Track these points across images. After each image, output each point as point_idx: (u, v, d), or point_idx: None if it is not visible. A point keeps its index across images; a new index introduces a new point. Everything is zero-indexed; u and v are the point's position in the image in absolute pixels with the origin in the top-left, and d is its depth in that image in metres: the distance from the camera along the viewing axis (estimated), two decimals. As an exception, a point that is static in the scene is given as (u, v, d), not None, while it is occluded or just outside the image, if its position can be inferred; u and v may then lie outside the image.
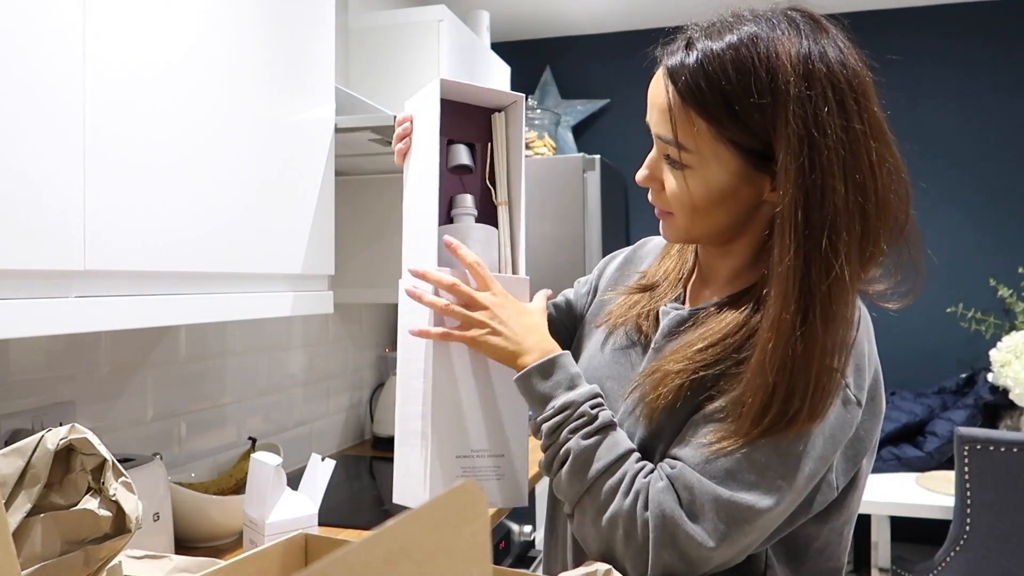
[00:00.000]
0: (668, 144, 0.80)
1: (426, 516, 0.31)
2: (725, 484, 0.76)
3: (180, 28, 1.08)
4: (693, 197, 0.80)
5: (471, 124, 0.99)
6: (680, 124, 0.77)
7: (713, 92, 0.75)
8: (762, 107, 0.74)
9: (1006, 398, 2.48)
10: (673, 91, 0.78)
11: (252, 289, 1.27)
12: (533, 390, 0.85)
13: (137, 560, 0.77)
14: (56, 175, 0.89)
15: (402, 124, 1.00)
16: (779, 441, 0.76)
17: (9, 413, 1.25)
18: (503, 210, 0.99)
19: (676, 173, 0.81)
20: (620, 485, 0.79)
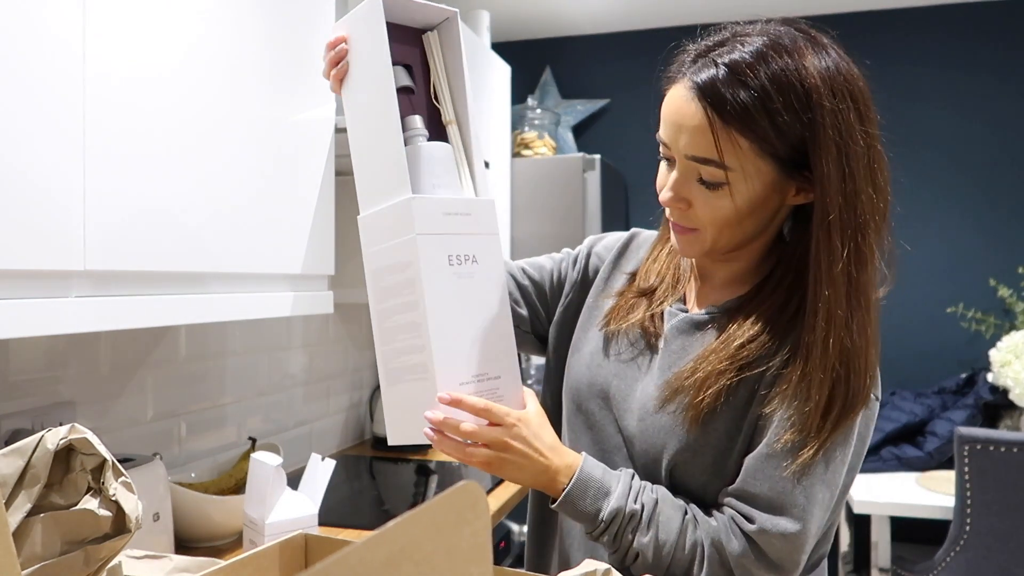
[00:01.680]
0: (706, 164, 0.80)
1: (426, 516, 0.31)
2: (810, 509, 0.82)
3: (180, 29, 1.08)
4: (731, 212, 0.82)
5: (406, 45, 0.96)
6: (722, 144, 0.78)
7: (757, 110, 0.76)
8: (803, 121, 0.77)
9: (1006, 398, 2.47)
10: (711, 111, 0.78)
11: (252, 289, 1.27)
12: (578, 513, 0.86)
13: (137, 560, 0.77)
14: (56, 175, 0.89)
15: (336, 46, 0.93)
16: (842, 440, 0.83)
17: (9, 413, 1.25)
18: (452, 129, 0.95)
19: (712, 192, 0.82)
20: (695, 558, 0.84)
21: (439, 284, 0.85)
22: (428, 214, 0.85)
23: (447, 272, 0.85)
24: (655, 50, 0.96)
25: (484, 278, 0.89)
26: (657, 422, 0.89)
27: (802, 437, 0.81)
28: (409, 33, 0.96)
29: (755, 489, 0.83)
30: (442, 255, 0.85)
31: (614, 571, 0.73)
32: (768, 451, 0.83)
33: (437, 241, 0.85)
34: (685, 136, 0.80)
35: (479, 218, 0.89)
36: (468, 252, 0.88)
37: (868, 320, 0.81)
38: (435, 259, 0.85)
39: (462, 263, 0.87)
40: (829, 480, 0.83)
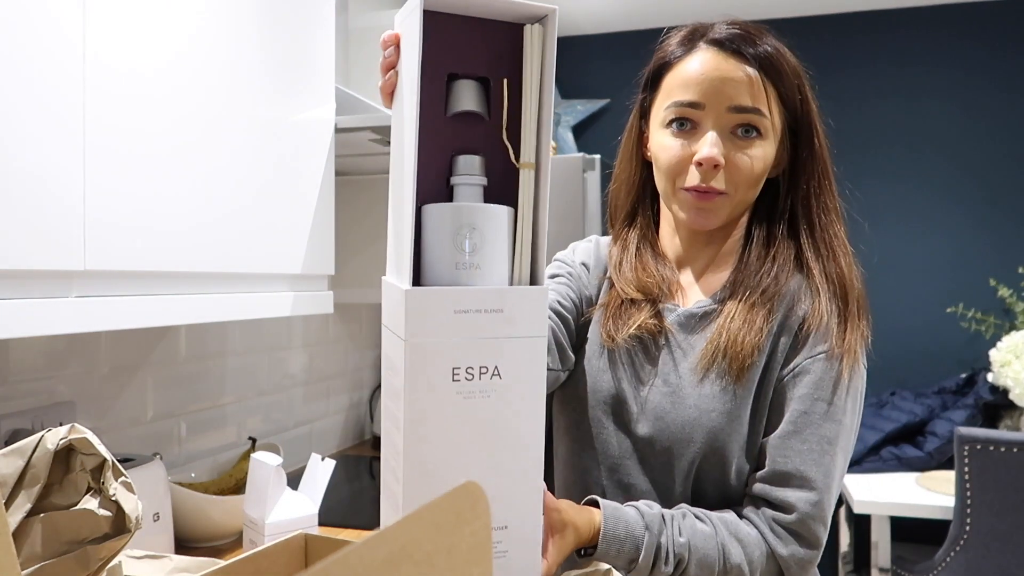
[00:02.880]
0: (747, 113, 0.88)
1: (427, 517, 0.31)
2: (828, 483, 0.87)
3: (180, 29, 1.08)
4: (761, 165, 0.90)
5: (482, 49, 0.68)
6: (760, 93, 0.88)
7: (781, 65, 0.90)
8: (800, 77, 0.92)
9: (1006, 398, 2.47)
10: (753, 68, 0.89)
11: (252, 289, 1.27)
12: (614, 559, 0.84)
13: (137, 560, 0.77)
14: (56, 175, 0.89)
15: (387, 47, 0.70)
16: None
17: (9, 413, 1.25)
18: (527, 176, 0.68)
19: (748, 144, 0.89)
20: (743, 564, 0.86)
21: (430, 406, 0.64)
22: (428, 313, 0.63)
23: (447, 390, 0.64)
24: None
25: (507, 398, 0.66)
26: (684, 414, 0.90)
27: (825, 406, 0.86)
28: (496, 32, 0.68)
29: (786, 467, 0.86)
30: (443, 368, 0.64)
31: (614, 571, 0.73)
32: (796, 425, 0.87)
33: (437, 350, 0.64)
34: (728, 88, 0.88)
35: (516, 316, 0.65)
36: (486, 363, 0.65)
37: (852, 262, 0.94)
38: (430, 373, 0.64)
39: (473, 378, 0.65)
40: (844, 446, 0.88)
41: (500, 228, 0.67)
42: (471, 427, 0.65)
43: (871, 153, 3.00)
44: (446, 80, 0.68)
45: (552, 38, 0.67)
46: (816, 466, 0.85)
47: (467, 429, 0.65)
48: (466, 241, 0.65)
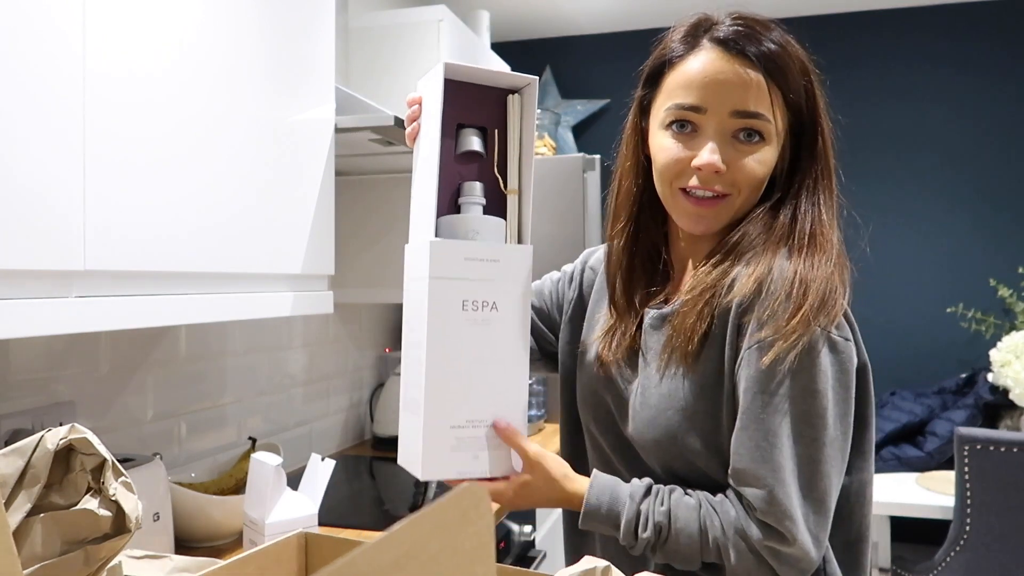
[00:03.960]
0: (750, 118, 0.87)
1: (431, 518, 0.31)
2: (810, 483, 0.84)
3: (180, 29, 1.08)
4: (764, 168, 0.89)
5: (483, 107, 0.94)
6: (763, 96, 0.86)
7: (787, 64, 0.87)
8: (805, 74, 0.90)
9: (1006, 398, 2.48)
10: (756, 71, 0.86)
11: (252, 289, 1.26)
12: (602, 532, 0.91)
13: (137, 560, 0.77)
14: (56, 175, 0.89)
15: (412, 105, 0.96)
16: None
17: (9, 413, 1.25)
18: (512, 199, 0.94)
19: (750, 149, 0.88)
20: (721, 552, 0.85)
21: (446, 328, 0.86)
22: (446, 258, 0.86)
23: (459, 317, 0.87)
24: None
25: (502, 326, 0.89)
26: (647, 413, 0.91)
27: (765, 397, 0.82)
28: (491, 95, 0.95)
29: (739, 465, 0.84)
30: (455, 300, 0.87)
31: (613, 569, 0.73)
32: (741, 421, 0.85)
33: (451, 286, 0.86)
34: (730, 92, 0.86)
35: (508, 266, 0.89)
36: (487, 299, 0.88)
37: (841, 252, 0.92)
38: (446, 303, 0.86)
39: (478, 309, 0.88)
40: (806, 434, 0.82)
41: (495, 234, 0.91)
42: (474, 346, 0.87)
43: (871, 153, 3.00)
44: (456, 128, 0.93)
45: (531, 101, 0.95)
46: (762, 462, 0.82)
47: (471, 347, 0.87)
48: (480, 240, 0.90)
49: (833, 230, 0.91)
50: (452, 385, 0.88)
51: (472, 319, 0.87)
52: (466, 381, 0.88)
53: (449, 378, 0.87)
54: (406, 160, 1.92)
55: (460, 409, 0.88)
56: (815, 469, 0.82)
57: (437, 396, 0.87)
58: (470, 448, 0.89)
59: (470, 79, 0.92)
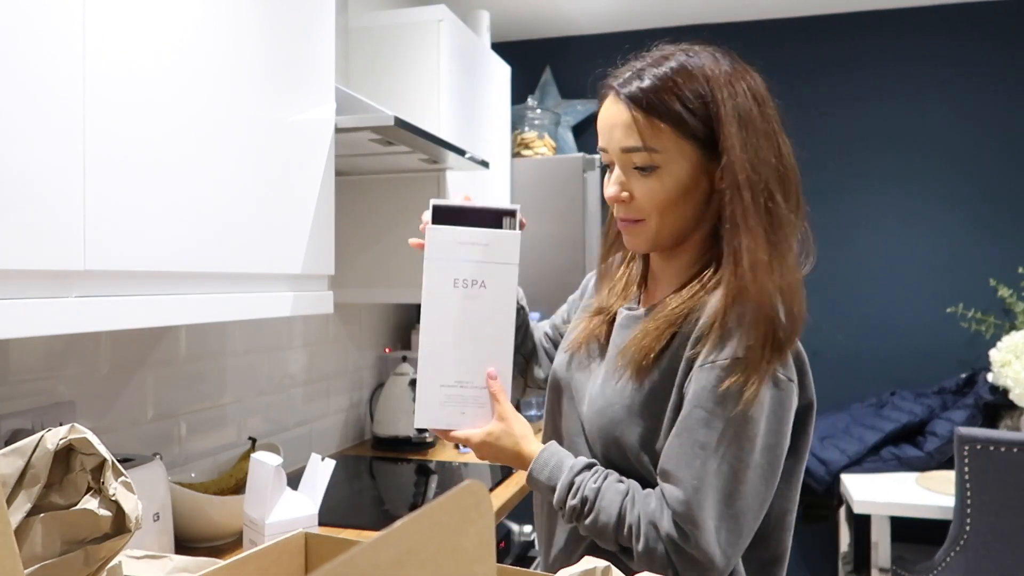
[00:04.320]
0: (637, 152, 0.94)
1: (431, 516, 0.31)
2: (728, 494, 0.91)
3: (180, 29, 1.08)
4: (668, 193, 0.95)
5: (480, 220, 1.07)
6: (646, 131, 0.93)
7: (670, 99, 0.93)
8: (706, 102, 0.93)
9: (1006, 398, 2.47)
10: (632, 104, 0.94)
11: (252, 289, 1.26)
12: (540, 493, 1.03)
13: (137, 560, 0.77)
14: (56, 175, 0.89)
15: (423, 224, 1.05)
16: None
17: (9, 413, 1.25)
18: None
19: (647, 178, 0.95)
20: (632, 536, 0.93)
21: (439, 302, 1.02)
22: (441, 243, 1.01)
23: (451, 293, 1.01)
24: None
25: (490, 301, 1.02)
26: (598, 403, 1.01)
27: (703, 412, 0.90)
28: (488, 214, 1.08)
29: (667, 465, 0.92)
30: (448, 278, 1.01)
31: (613, 569, 0.72)
32: (677, 428, 0.92)
33: (445, 266, 1.01)
34: (616, 132, 0.96)
35: (496, 249, 1.01)
36: (477, 277, 1.02)
37: (789, 273, 0.93)
38: (440, 281, 1.01)
39: (469, 286, 1.02)
40: (734, 456, 0.89)
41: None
42: (464, 319, 1.02)
43: (871, 154, 3.00)
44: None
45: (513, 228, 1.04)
46: (686, 467, 0.90)
47: (461, 319, 1.02)
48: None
49: (759, 238, 0.91)
50: (444, 351, 1.03)
51: (463, 295, 1.01)
52: (456, 348, 1.03)
53: (441, 345, 1.03)
54: (406, 160, 1.92)
55: (450, 371, 1.03)
56: (734, 488, 0.89)
57: (431, 359, 1.03)
58: (457, 405, 1.04)
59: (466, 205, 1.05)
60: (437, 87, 2.08)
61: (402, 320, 2.71)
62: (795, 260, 0.95)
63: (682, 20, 3.12)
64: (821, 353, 3.10)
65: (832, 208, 3.03)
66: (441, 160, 1.92)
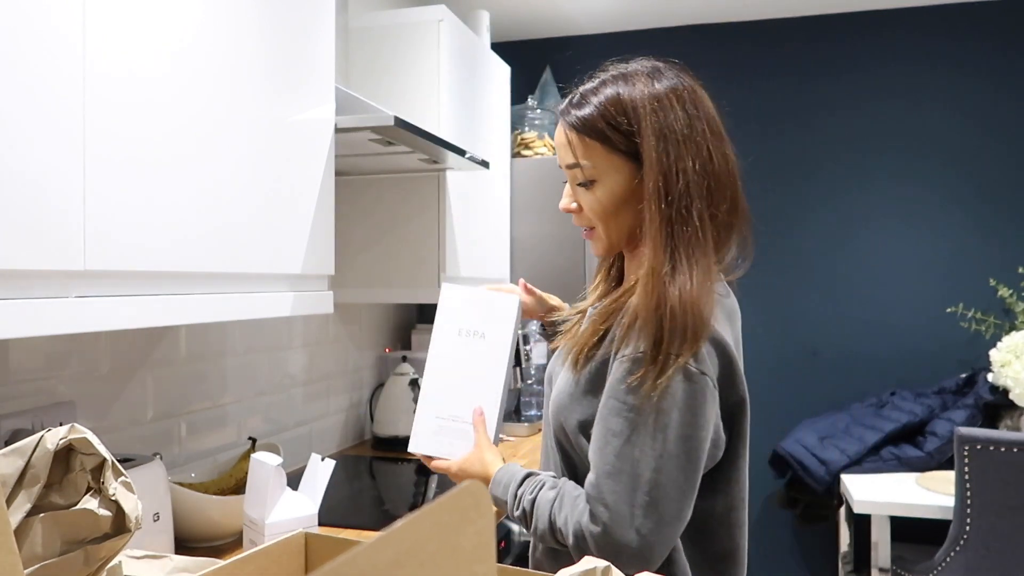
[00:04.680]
0: (576, 168, 1.05)
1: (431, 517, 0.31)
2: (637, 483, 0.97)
3: (180, 29, 1.08)
4: (604, 203, 1.05)
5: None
6: (579, 149, 1.04)
7: (596, 119, 1.03)
8: (629, 118, 1.01)
9: (1006, 398, 2.47)
10: (568, 127, 1.05)
11: (252, 289, 1.26)
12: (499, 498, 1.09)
13: (137, 560, 0.77)
14: (56, 175, 0.89)
15: None
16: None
17: (9, 413, 1.25)
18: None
19: (588, 191, 1.05)
20: (565, 540, 1.00)
21: (444, 347, 1.20)
22: (450, 299, 1.21)
23: (455, 340, 1.19)
24: (655, 50, 1.00)
25: (487, 350, 1.18)
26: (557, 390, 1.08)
27: (615, 402, 0.97)
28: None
29: (589, 453, 1.00)
30: (454, 328, 1.20)
31: (613, 569, 0.72)
32: (596, 418, 1.00)
33: (452, 318, 1.20)
34: (561, 152, 1.07)
35: (497, 307, 1.19)
36: (478, 329, 1.19)
37: (690, 278, 0.96)
38: (447, 330, 1.20)
39: (471, 336, 1.19)
40: (639, 443, 0.94)
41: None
42: (463, 363, 1.19)
43: (871, 153, 3.00)
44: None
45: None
46: (599, 452, 0.97)
47: (461, 364, 1.19)
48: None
49: (659, 257, 0.97)
50: (443, 388, 1.19)
51: (464, 343, 1.19)
52: (453, 387, 1.19)
53: (441, 383, 1.19)
54: (406, 160, 1.92)
55: (445, 405, 1.19)
56: (649, 476, 0.94)
57: (431, 394, 1.20)
58: (447, 436, 1.18)
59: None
60: (437, 87, 2.08)
61: (402, 320, 2.71)
62: (707, 264, 0.99)
63: (682, 20, 3.12)
64: (821, 353, 3.10)
65: (832, 208, 3.03)
66: (441, 160, 1.92)
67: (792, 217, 3.06)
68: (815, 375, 3.03)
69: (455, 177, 2.16)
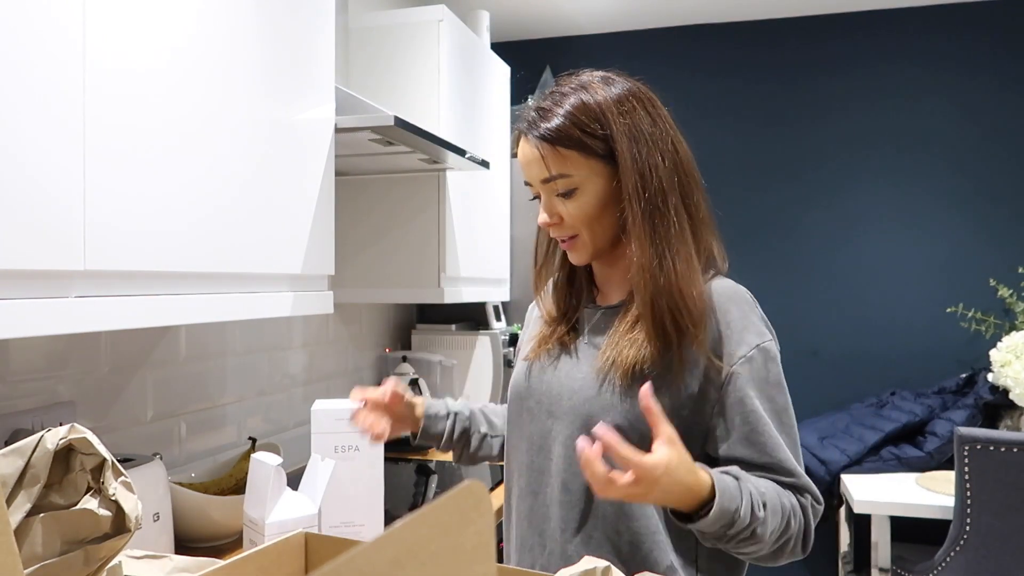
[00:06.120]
0: (555, 180, 1.04)
1: (431, 517, 0.31)
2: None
3: (180, 30, 1.08)
4: (588, 209, 1.05)
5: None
6: (555, 160, 1.04)
7: (569, 128, 1.04)
8: (601, 123, 1.04)
9: (1006, 398, 2.47)
10: (540, 141, 1.04)
11: (252, 289, 1.26)
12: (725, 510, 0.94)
13: (137, 560, 0.77)
14: (56, 176, 0.89)
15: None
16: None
17: (9, 413, 1.25)
18: None
19: (570, 200, 1.05)
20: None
21: (327, 462, 1.33)
22: (322, 420, 1.35)
23: (334, 456, 1.35)
24: (655, 50, 1.00)
25: (363, 462, 1.37)
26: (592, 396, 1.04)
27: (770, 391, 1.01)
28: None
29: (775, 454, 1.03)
30: (330, 445, 1.35)
31: (613, 569, 0.72)
32: (752, 424, 1.01)
33: (327, 437, 1.35)
34: (533, 168, 1.06)
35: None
36: (351, 444, 1.35)
37: (676, 265, 1.01)
38: (324, 447, 1.35)
39: (347, 451, 1.35)
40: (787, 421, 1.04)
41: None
42: (347, 470, 1.36)
43: (872, 153, 3.00)
44: None
45: None
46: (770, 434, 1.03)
47: (345, 471, 1.35)
48: None
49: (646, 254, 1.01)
50: (333, 498, 1.33)
51: (343, 456, 1.35)
52: (341, 496, 1.34)
53: (331, 493, 1.32)
54: (406, 160, 1.92)
55: (338, 512, 1.35)
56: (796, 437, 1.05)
57: (326, 503, 1.33)
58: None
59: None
60: (437, 87, 2.08)
61: (402, 320, 2.71)
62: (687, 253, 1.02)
63: (682, 20, 3.12)
64: (821, 353, 3.10)
65: (832, 208, 3.03)
66: (441, 160, 1.92)
67: (792, 217, 3.06)
68: (815, 375, 3.03)
69: (455, 177, 2.16)
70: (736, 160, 3.07)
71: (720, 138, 3.11)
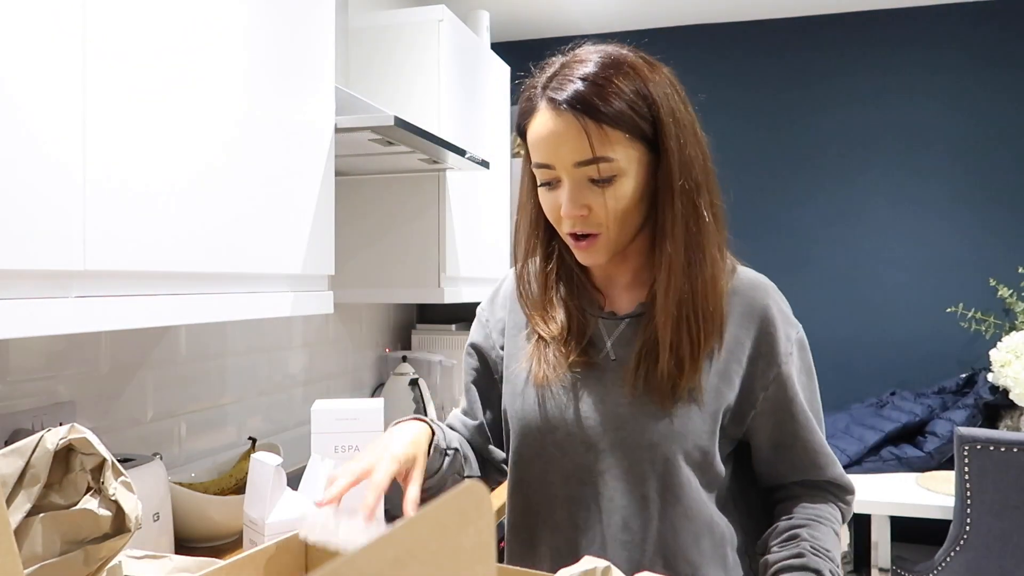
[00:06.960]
0: (594, 164, 0.88)
1: (432, 517, 0.31)
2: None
3: (180, 29, 1.08)
4: (625, 202, 0.91)
5: None
6: (600, 140, 0.87)
7: (616, 102, 0.87)
8: (646, 100, 0.89)
9: (1006, 398, 2.47)
10: (586, 119, 0.87)
11: (252, 289, 1.26)
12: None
13: (137, 560, 0.77)
14: (56, 175, 0.89)
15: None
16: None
17: (9, 413, 1.25)
18: None
19: (605, 189, 0.90)
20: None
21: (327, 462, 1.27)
22: (322, 420, 1.28)
23: (334, 456, 1.29)
24: (655, 50, 0.98)
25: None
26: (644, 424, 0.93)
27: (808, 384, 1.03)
28: None
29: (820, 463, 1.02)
30: (330, 445, 1.29)
31: (613, 569, 0.72)
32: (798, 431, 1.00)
33: (327, 437, 1.29)
34: (566, 146, 0.88)
35: (364, 421, 1.27)
36: (351, 443, 1.28)
37: (704, 268, 0.93)
38: (324, 447, 1.30)
39: (346, 451, 1.29)
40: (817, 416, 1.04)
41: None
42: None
43: (871, 153, 3.00)
44: None
45: None
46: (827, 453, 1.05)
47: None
48: None
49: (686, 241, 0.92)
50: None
51: (342, 456, 1.27)
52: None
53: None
54: (406, 160, 1.92)
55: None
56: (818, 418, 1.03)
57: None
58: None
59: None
60: (437, 87, 2.08)
61: (402, 320, 2.71)
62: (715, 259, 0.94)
63: (682, 20, 3.12)
64: (821, 353, 3.10)
65: (832, 208, 3.03)
66: (441, 160, 1.92)
67: (792, 217, 3.06)
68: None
69: (455, 177, 2.16)
70: (736, 160, 3.07)
71: (720, 138, 3.10)
